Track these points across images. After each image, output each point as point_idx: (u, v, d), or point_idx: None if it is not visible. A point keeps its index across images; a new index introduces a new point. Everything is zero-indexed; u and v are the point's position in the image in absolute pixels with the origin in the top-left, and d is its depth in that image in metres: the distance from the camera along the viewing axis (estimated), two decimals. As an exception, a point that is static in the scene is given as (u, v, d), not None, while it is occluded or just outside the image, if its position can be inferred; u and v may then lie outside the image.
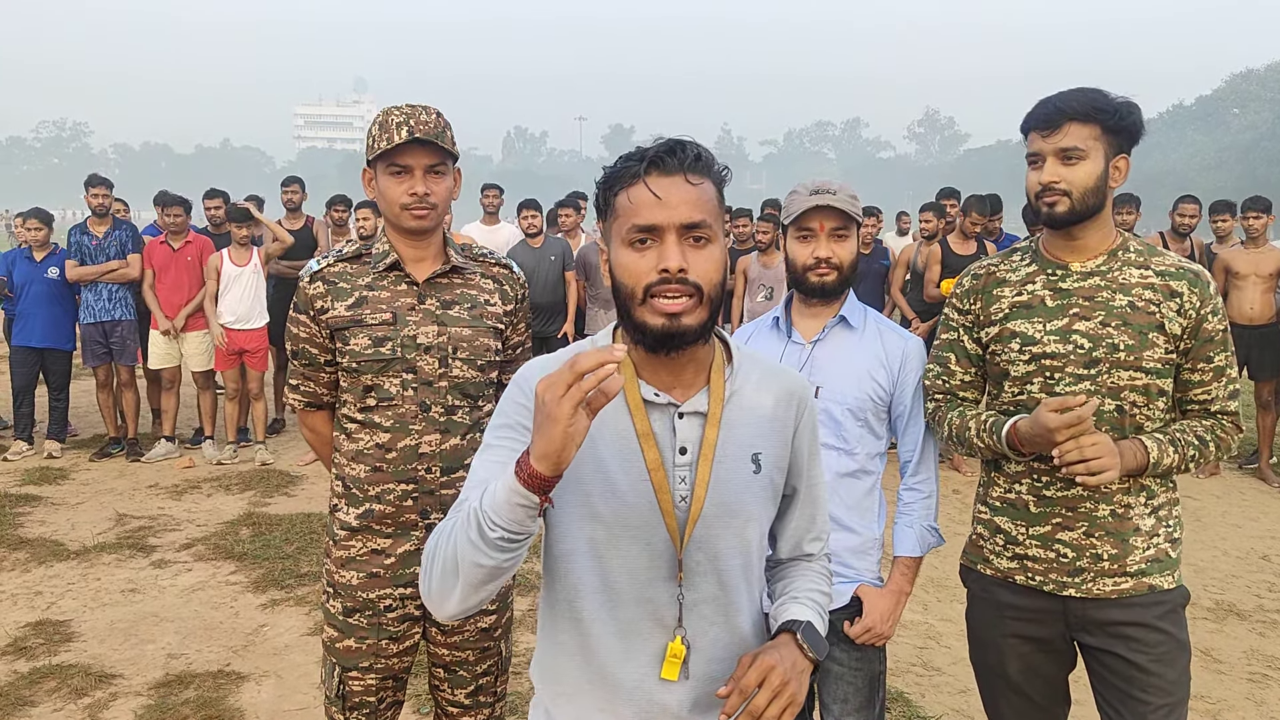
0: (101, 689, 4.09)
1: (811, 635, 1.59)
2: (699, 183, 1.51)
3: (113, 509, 6.66)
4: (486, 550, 1.38)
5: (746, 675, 1.47)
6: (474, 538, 1.38)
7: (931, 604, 5.19)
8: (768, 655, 1.50)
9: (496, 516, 1.36)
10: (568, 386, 1.27)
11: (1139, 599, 2.28)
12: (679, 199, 1.48)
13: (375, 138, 2.36)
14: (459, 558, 1.41)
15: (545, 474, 1.32)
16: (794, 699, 1.47)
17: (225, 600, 5.10)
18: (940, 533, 2.60)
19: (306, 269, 2.48)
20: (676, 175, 1.49)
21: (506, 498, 1.35)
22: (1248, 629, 4.95)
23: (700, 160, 1.52)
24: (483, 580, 1.42)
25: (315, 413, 2.59)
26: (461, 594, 1.44)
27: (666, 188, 1.48)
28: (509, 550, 1.39)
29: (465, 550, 1.40)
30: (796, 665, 1.53)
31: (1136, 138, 2.27)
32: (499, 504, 1.36)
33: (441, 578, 1.45)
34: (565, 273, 8.38)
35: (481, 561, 1.39)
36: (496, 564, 1.39)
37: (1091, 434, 2.10)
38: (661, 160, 1.50)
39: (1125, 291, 2.26)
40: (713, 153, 1.57)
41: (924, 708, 4.04)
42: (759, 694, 1.46)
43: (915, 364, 2.57)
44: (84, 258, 7.81)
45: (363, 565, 2.47)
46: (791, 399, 1.69)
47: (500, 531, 1.36)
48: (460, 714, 2.64)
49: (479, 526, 1.38)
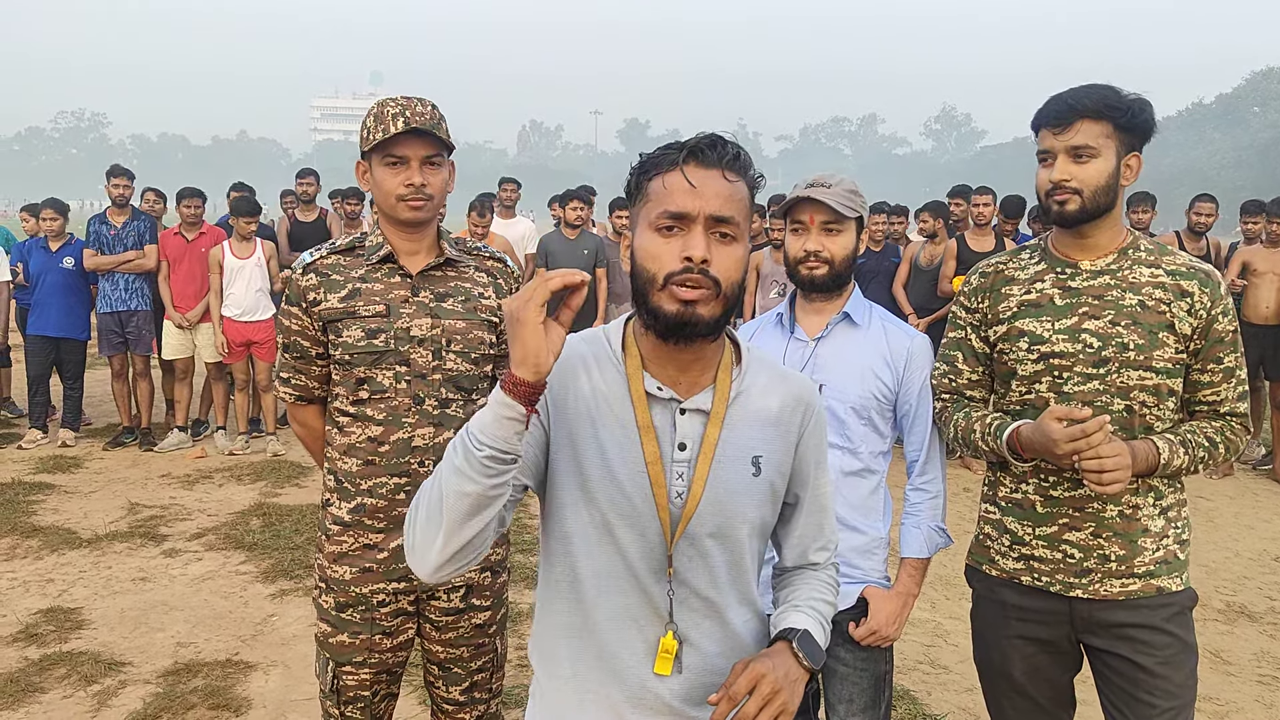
0: (111, 676, 4.12)
1: (808, 644, 1.58)
2: (734, 180, 1.53)
3: (125, 498, 6.70)
4: (471, 474, 1.40)
5: (737, 682, 1.47)
6: (459, 463, 1.41)
7: (939, 602, 5.17)
8: (760, 663, 1.50)
9: (483, 435, 1.39)
10: (530, 292, 1.36)
11: (1146, 601, 2.26)
12: (713, 191, 1.50)
13: (370, 129, 2.35)
14: (444, 491, 1.42)
15: (528, 379, 1.37)
16: (785, 708, 1.48)
17: (235, 590, 5.13)
18: (948, 532, 2.58)
19: (299, 261, 2.47)
20: (714, 169, 1.51)
21: (493, 413, 1.39)
22: (1258, 631, 4.92)
23: (739, 160, 1.54)
24: (467, 512, 1.42)
25: (306, 407, 2.56)
26: (445, 535, 1.43)
27: (702, 178, 1.50)
28: (494, 474, 1.40)
29: (450, 481, 1.41)
30: (790, 674, 1.52)
31: (1148, 136, 2.24)
32: (485, 421, 1.40)
33: (425, 523, 1.46)
34: (596, 269, 8.24)
35: (466, 488, 1.40)
36: (481, 489, 1.40)
37: (1111, 443, 2.07)
38: (701, 152, 1.52)
39: (1135, 290, 2.23)
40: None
41: (930, 706, 4.02)
42: (749, 702, 1.46)
43: (920, 362, 2.54)
44: (102, 247, 7.86)
45: (355, 560, 2.46)
46: (799, 405, 1.68)
47: (487, 450, 1.39)
48: (456, 710, 2.64)
49: (465, 448, 1.40)
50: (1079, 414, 2.07)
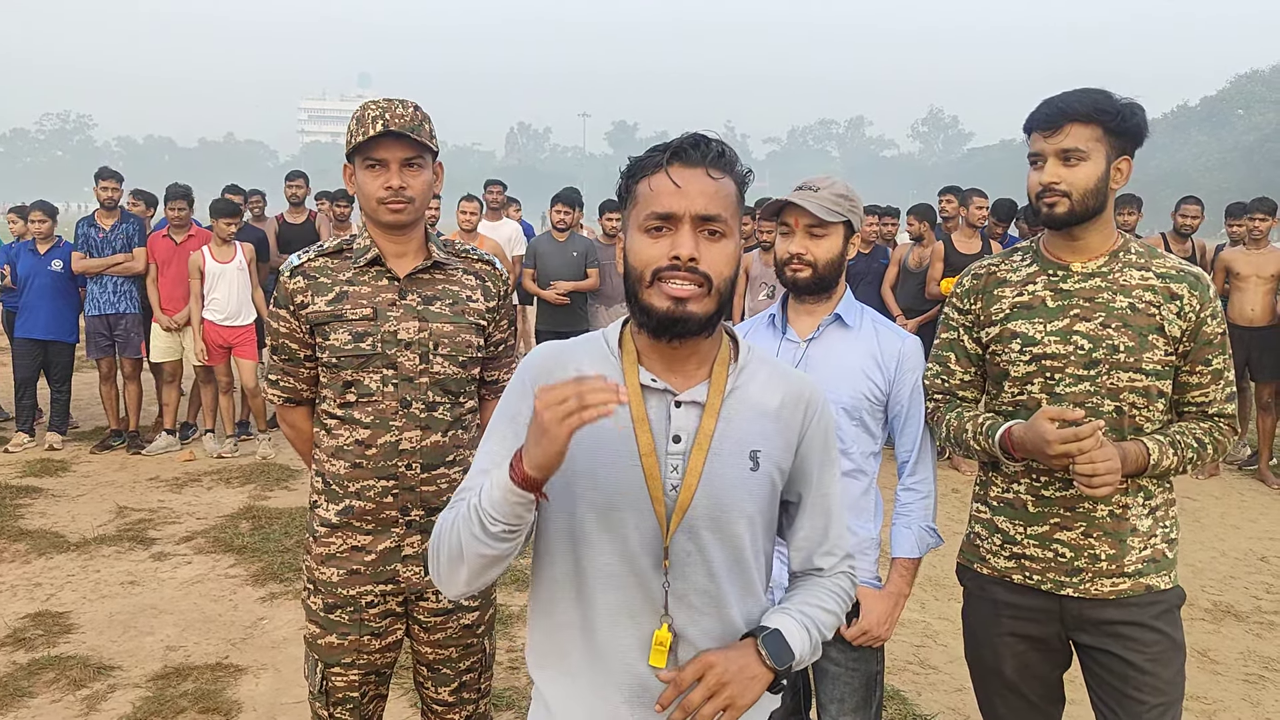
0: (100, 680, 4.10)
1: (774, 644, 1.56)
2: (719, 178, 1.54)
3: (113, 501, 6.68)
4: (489, 541, 1.47)
5: (686, 670, 1.50)
6: (476, 532, 1.47)
7: (929, 602, 5.19)
8: (713, 654, 1.52)
9: (495, 512, 1.44)
10: (568, 414, 1.33)
11: (1136, 599, 2.28)
12: (698, 190, 1.52)
13: (353, 132, 2.35)
14: (464, 548, 1.50)
15: (537, 478, 1.40)
16: (732, 701, 1.49)
17: (224, 593, 5.11)
18: (939, 532, 2.60)
19: (287, 264, 2.46)
20: (698, 168, 1.53)
21: (502, 496, 1.43)
22: (1244, 630, 4.95)
23: (723, 157, 1.56)
24: (487, 565, 1.52)
25: (294, 408, 2.57)
26: (468, 576, 1.54)
27: (687, 178, 1.52)
28: (510, 539, 1.48)
29: (469, 543, 1.49)
30: (746, 670, 1.52)
31: (1140, 140, 2.25)
32: (496, 501, 1.44)
33: (450, 563, 1.54)
34: (588, 269, 8.17)
35: (484, 552, 1.48)
36: (499, 553, 1.49)
37: (1104, 447, 2.09)
38: (685, 152, 1.54)
39: (1126, 293, 2.25)
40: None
41: (920, 706, 4.04)
42: (695, 690, 1.48)
43: (912, 363, 2.55)
44: (90, 250, 7.83)
45: (343, 562, 2.47)
46: (800, 402, 1.68)
47: (501, 525, 1.45)
48: (445, 711, 2.65)
49: (480, 522, 1.46)
50: (1072, 414, 2.09)
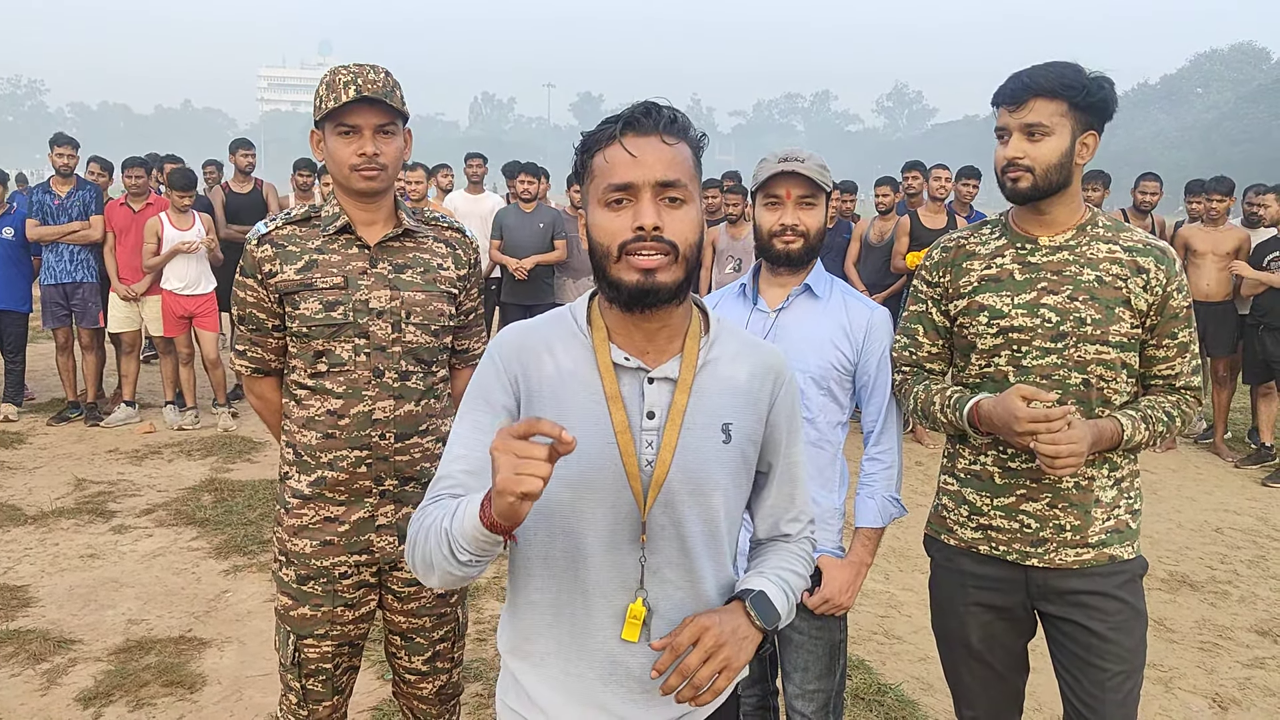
0: (60, 654, 4.05)
1: (761, 605, 1.59)
2: (674, 143, 1.52)
3: (71, 474, 6.58)
4: (458, 565, 1.46)
5: (680, 634, 1.50)
6: (446, 554, 1.46)
7: (893, 573, 5.25)
8: (706, 617, 1.53)
9: (465, 542, 1.42)
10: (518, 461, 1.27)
11: (1099, 569, 2.31)
12: (654, 158, 1.49)
13: (323, 98, 2.30)
14: (433, 562, 1.50)
15: (505, 526, 1.37)
16: (728, 663, 1.50)
17: (187, 566, 5.06)
18: (902, 503, 2.62)
19: (254, 232, 2.41)
20: (652, 135, 1.51)
21: (472, 533, 1.41)
22: (1200, 599, 5.06)
23: (675, 123, 1.54)
24: (459, 580, 1.51)
25: (262, 379, 2.53)
26: (440, 581, 1.54)
27: (642, 147, 1.50)
28: (478, 565, 1.48)
29: (439, 561, 1.48)
30: (738, 631, 1.54)
31: (1107, 114, 2.26)
32: (466, 533, 1.42)
33: (424, 566, 1.54)
34: (555, 240, 8.13)
35: (454, 572, 1.48)
36: (466, 574, 1.49)
37: (1071, 429, 2.10)
38: (637, 121, 1.51)
39: (1093, 266, 2.27)
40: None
41: (884, 675, 4.09)
42: (691, 653, 1.48)
43: (879, 334, 2.56)
44: (45, 217, 7.65)
45: (316, 533, 2.44)
46: (769, 373, 1.69)
47: (468, 554, 1.44)
48: (418, 680, 2.64)
49: (450, 548, 1.45)
50: (1046, 396, 2.11)
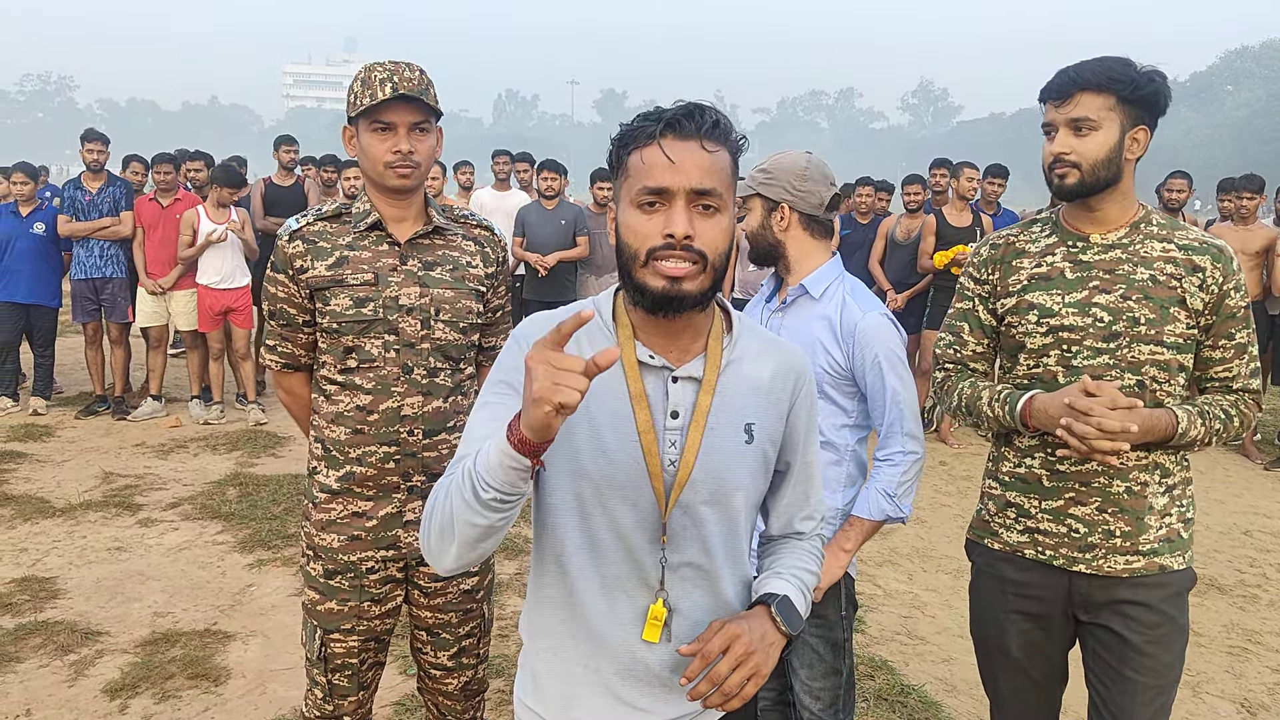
0: (88, 646, 4.09)
1: (786, 609, 1.59)
2: (714, 150, 1.48)
3: (99, 467, 6.64)
4: (480, 510, 1.40)
5: (711, 641, 1.48)
6: (468, 498, 1.40)
7: (916, 574, 5.22)
8: (735, 624, 1.51)
9: (490, 478, 1.37)
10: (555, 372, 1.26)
11: (1148, 579, 2.24)
12: (692, 164, 1.46)
13: (358, 94, 2.31)
14: (454, 516, 1.43)
15: (534, 441, 1.33)
16: (758, 670, 1.48)
17: (212, 560, 5.10)
18: (899, 503, 2.52)
19: (285, 227, 2.43)
20: (692, 140, 1.47)
21: (499, 460, 1.36)
22: (1228, 603, 5.00)
23: (718, 127, 1.49)
24: (477, 539, 1.44)
25: (292, 374, 2.54)
26: (458, 551, 1.46)
27: (681, 152, 1.46)
28: (502, 510, 1.41)
29: (460, 510, 1.42)
30: (766, 638, 1.53)
31: (1159, 109, 2.20)
32: (492, 466, 1.37)
33: (440, 535, 1.47)
34: (577, 238, 8.13)
35: (476, 521, 1.41)
36: (490, 523, 1.42)
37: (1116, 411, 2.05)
38: (678, 123, 1.47)
39: (1147, 265, 2.21)
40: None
41: (907, 676, 4.06)
42: (721, 661, 1.47)
43: (867, 340, 2.48)
44: (77, 213, 7.73)
45: (344, 528, 2.45)
46: (790, 373, 1.68)
47: (494, 492, 1.38)
48: (443, 676, 2.65)
49: (473, 487, 1.40)
50: (1110, 388, 2.06)
